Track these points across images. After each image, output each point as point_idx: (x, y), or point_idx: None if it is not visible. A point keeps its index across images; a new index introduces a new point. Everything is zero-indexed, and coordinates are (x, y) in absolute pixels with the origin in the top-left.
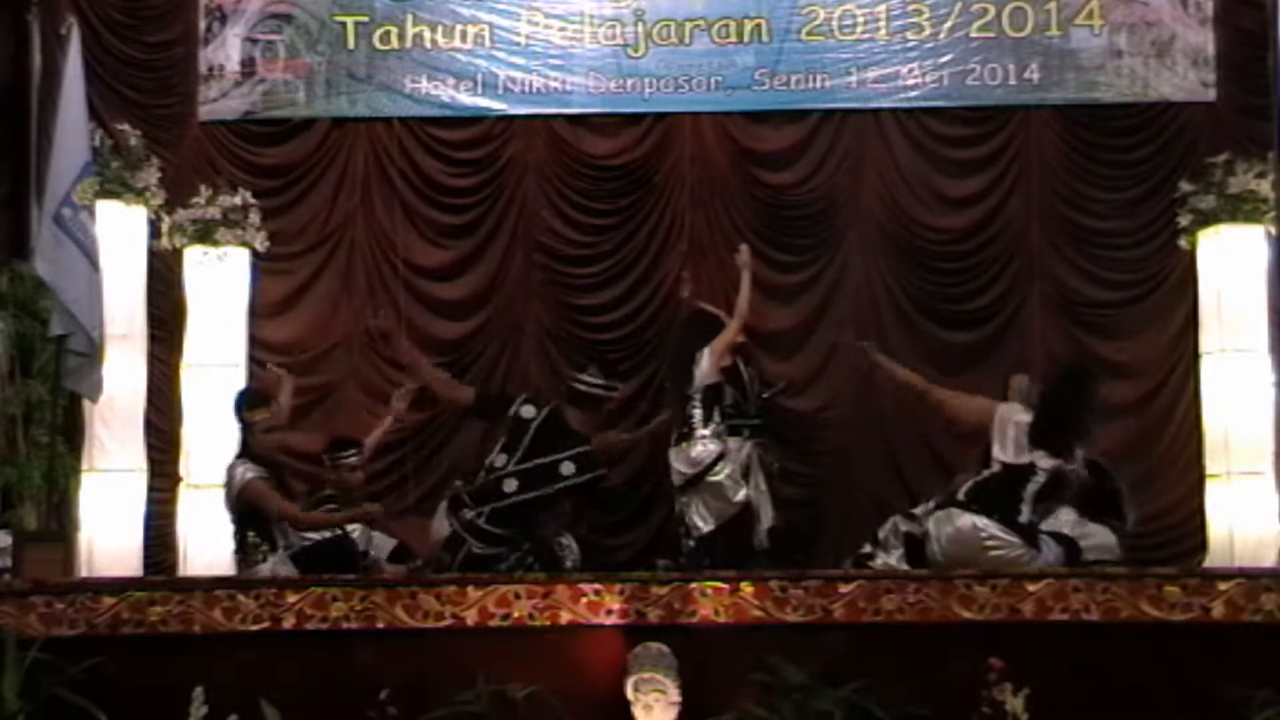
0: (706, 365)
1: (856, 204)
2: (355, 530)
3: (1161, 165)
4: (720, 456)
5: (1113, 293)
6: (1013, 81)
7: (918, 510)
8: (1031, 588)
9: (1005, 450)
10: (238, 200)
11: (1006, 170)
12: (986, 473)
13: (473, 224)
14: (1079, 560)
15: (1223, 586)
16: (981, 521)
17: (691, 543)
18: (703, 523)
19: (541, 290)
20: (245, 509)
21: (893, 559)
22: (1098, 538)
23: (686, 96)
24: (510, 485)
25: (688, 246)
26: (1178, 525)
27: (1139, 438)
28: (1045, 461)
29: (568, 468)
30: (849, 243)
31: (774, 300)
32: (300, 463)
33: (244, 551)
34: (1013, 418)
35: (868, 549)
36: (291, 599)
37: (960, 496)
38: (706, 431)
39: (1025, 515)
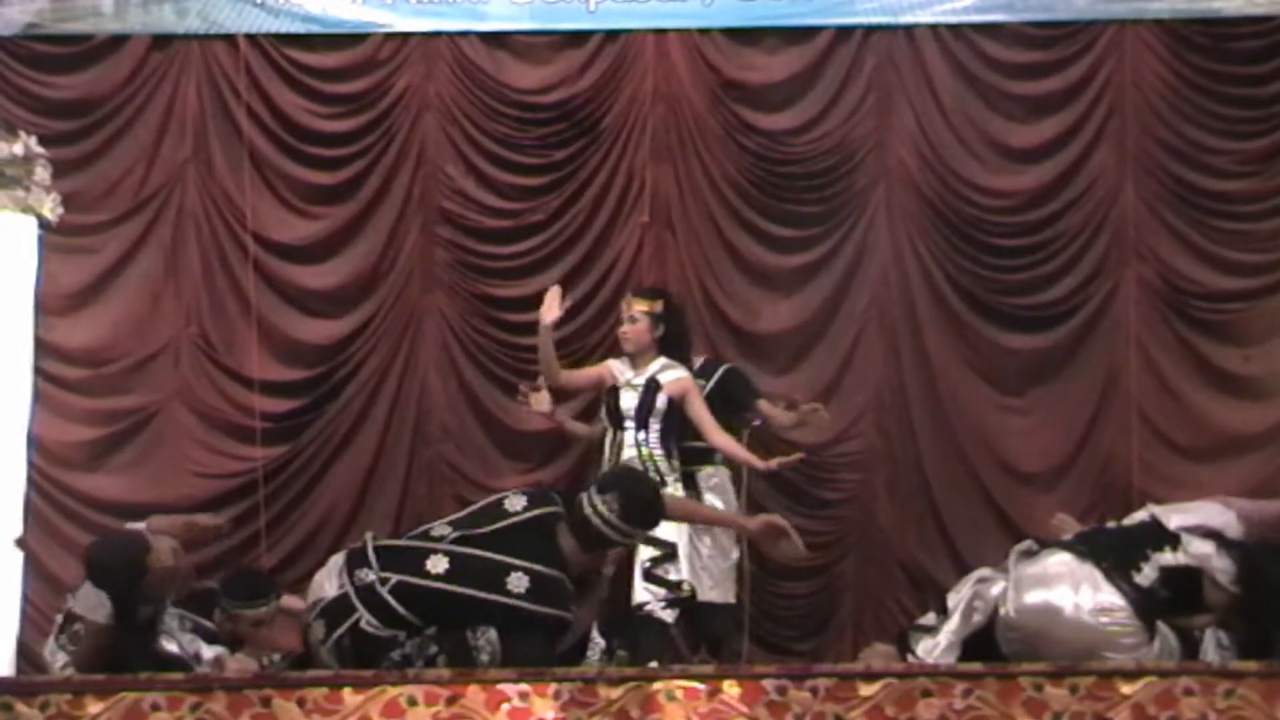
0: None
1: (883, 157)
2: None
3: None
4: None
5: (1236, 279)
6: None
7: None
8: (1127, 689)
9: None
10: (18, 149)
11: (1091, 110)
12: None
13: (350, 184)
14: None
15: None
16: (1085, 599)
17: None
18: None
19: (446, 276)
20: None
21: (942, 641)
22: None
23: (648, 8)
24: (438, 565)
25: (649, 215)
26: None
27: (1272, 481)
28: (1201, 546)
29: (519, 583)
30: (872, 211)
31: (769, 291)
32: (106, 516)
33: None
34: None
35: (930, 619)
36: (94, 709)
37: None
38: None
39: (1147, 577)
